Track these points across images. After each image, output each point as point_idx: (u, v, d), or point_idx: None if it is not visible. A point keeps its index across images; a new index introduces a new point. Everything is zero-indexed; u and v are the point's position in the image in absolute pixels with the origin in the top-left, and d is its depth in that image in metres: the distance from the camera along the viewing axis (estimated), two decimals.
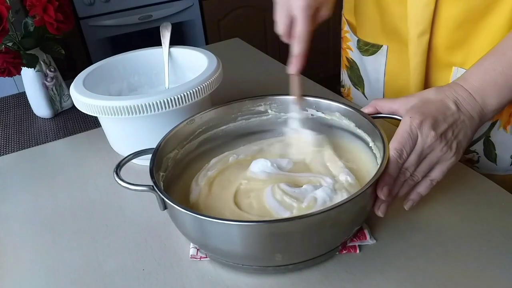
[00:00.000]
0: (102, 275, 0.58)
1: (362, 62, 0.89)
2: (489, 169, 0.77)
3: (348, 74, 0.96)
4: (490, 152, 0.76)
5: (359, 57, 0.89)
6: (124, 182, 0.56)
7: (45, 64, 0.96)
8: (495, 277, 0.53)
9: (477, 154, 0.77)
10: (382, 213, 0.55)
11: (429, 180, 0.57)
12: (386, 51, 0.82)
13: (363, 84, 0.92)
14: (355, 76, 0.93)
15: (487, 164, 0.77)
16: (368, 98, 0.92)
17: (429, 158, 0.55)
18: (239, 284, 0.55)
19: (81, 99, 0.72)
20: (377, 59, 0.84)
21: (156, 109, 0.68)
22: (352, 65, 0.93)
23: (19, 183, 0.80)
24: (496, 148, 0.75)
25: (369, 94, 0.91)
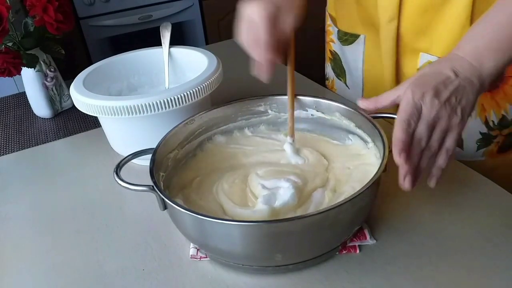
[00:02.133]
0: (102, 275, 0.58)
1: (343, 53, 0.93)
2: (457, 155, 0.78)
3: (331, 66, 1.00)
4: None
5: (340, 48, 0.93)
6: (124, 182, 0.56)
7: (45, 64, 0.96)
8: (495, 277, 0.53)
9: None
10: (409, 185, 0.53)
11: (445, 150, 0.56)
12: (364, 40, 0.85)
13: (345, 74, 0.95)
14: (337, 67, 0.97)
15: (455, 150, 0.78)
16: (350, 88, 0.95)
17: (439, 127, 0.54)
18: (239, 284, 0.55)
19: (81, 99, 0.72)
20: (356, 48, 0.88)
21: (156, 109, 0.68)
22: (335, 56, 0.97)
23: (19, 183, 0.80)
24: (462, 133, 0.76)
25: (351, 84, 0.95)
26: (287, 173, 0.63)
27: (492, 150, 0.79)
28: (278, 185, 0.60)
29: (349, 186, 0.60)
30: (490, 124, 0.76)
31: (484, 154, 0.79)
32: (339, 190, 0.61)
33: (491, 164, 0.80)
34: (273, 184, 0.60)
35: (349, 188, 0.59)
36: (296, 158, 0.67)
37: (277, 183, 0.60)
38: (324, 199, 0.59)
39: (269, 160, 0.69)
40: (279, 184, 0.60)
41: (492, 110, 0.75)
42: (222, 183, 0.63)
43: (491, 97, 0.74)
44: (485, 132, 0.77)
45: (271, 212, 0.55)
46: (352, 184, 0.60)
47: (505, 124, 0.76)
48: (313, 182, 0.62)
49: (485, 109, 0.75)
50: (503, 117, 0.75)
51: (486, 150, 0.79)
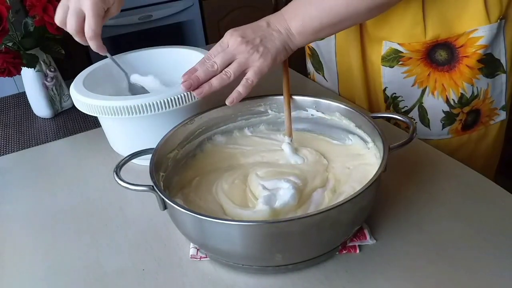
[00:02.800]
0: (102, 275, 0.58)
1: (319, 48, 0.98)
2: (425, 134, 0.85)
3: (311, 61, 1.05)
4: (424, 117, 0.84)
5: (316, 44, 0.98)
6: (124, 182, 0.56)
7: (45, 64, 0.96)
8: (495, 277, 0.53)
9: (414, 121, 0.85)
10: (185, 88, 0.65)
11: (245, 79, 0.65)
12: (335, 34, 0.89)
13: (322, 68, 1.00)
14: (316, 62, 1.02)
15: (423, 130, 0.85)
16: (327, 80, 1.00)
17: (238, 59, 0.64)
18: (239, 284, 0.55)
19: (81, 99, 0.72)
20: (329, 42, 0.92)
21: (156, 109, 0.68)
22: (313, 52, 1.01)
23: (19, 183, 0.80)
24: (428, 113, 0.83)
25: (328, 76, 0.99)
26: (287, 173, 0.63)
27: (456, 128, 0.84)
28: (278, 185, 0.60)
29: (349, 186, 0.60)
30: (451, 103, 0.81)
31: (449, 132, 0.84)
32: (339, 190, 0.61)
33: (457, 142, 0.85)
34: (273, 184, 0.60)
35: (349, 188, 0.59)
36: (295, 158, 0.67)
37: (277, 183, 0.60)
38: (324, 199, 0.59)
39: (268, 160, 0.69)
40: (279, 184, 0.60)
41: (451, 89, 0.80)
42: (221, 183, 0.63)
43: (449, 77, 0.79)
44: (448, 110, 0.82)
45: (271, 213, 0.55)
46: (352, 184, 0.60)
47: (464, 102, 0.81)
48: (313, 183, 0.62)
49: (445, 89, 0.80)
50: (462, 95, 0.80)
51: (451, 129, 0.84)
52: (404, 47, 0.78)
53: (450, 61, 0.78)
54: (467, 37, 0.76)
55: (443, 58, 0.78)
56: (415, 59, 0.79)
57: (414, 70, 0.80)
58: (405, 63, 0.80)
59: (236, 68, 0.64)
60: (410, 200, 0.64)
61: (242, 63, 0.64)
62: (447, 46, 0.77)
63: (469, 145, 0.86)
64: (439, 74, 0.79)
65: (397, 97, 0.84)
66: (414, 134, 0.59)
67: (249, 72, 0.65)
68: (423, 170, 0.70)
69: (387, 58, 0.81)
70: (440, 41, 0.76)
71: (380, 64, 0.83)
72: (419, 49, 0.78)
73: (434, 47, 0.77)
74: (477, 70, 0.78)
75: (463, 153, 0.85)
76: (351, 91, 0.93)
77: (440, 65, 0.78)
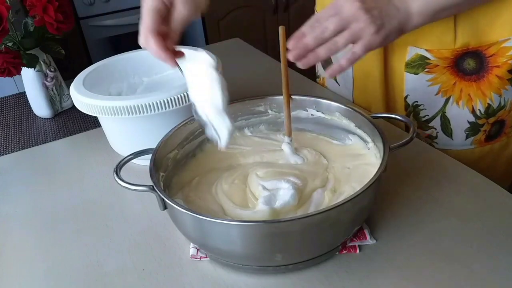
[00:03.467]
0: (102, 275, 0.58)
1: None
2: (446, 144, 0.83)
3: (322, 64, 1.00)
4: (446, 127, 0.81)
5: None
6: (124, 182, 0.56)
7: (45, 64, 0.96)
8: (495, 277, 0.53)
9: (436, 130, 0.82)
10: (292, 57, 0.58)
11: (351, 52, 0.59)
12: None
13: None
14: (328, 64, 0.95)
15: (445, 140, 0.83)
16: (340, 85, 0.95)
17: (352, 28, 0.57)
18: (239, 284, 0.55)
19: (81, 99, 0.72)
20: None
21: (156, 109, 0.68)
22: None
23: (19, 183, 0.80)
24: (451, 123, 0.81)
25: (341, 80, 0.95)
26: (287, 173, 0.63)
27: (480, 138, 0.81)
28: (278, 186, 0.60)
29: (349, 186, 0.60)
30: (477, 113, 0.78)
31: (473, 143, 0.82)
32: (339, 190, 0.61)
33: (480, 153, 0.83)
34: (273, 185, 0.60)
35: (349, 188, 0.59)
36: (295, 158, 0.67)
37: (277, 184, 0.60)
38: (324, 199, 0.59)
39: (268, 160, 0.69)
40: (279, 185, 0.60)
41: (478, 99, 0.77)
42: (221, 183, 0.63)
43: (477, 87, 0.76)
44: (473, 121, 0.79)
45: (271, 213, 0.55)
46: (352, 184, 0.60)
47: (491, 113, 0.78)
48: (313, 183, 0.62)
49: (472, 99, 0.77)
50: (489, 105, 0.77)
51: (474, 139, 0.81)
52: (432, 53, 0.75)
53: (479, 70, 0.75)
54: (499, 46, 0.73)
55: (471, 67, 0.75)
56: (441, 67, 0.76)
57: (439, 79, 0.77)
58: (431, 70, 0.77)
59: (348, 38, 0.58)
60: (410, 200, 0.64)
61: (355, 34, 0.58)
62: (477, 55, 0.74)
63: (490, 155, 0.83)
64: (466, 84, 0.76)
65: (418, 105, 0.81)
66: (414, 134, 0.59)
67: (358, 45, 0.58)
68: (423, 170, 0.70)
69: (412, 65, 0.78)
70: (471, 49, 0.74)
71: (403, 71, 0.79)
72: (447, 57, 0.75)
73: (463, 56, 0.74)
74: (507, 81, 0.75)
75: (484, 163, 0.82)
76: (367, 98, 0.89)
77: (468, 74, 0.75)
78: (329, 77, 0.59)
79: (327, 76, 0.59)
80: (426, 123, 0.82)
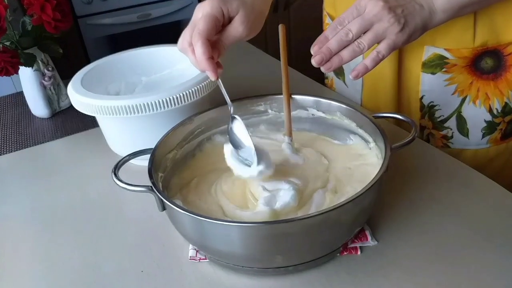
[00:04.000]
0: (101, 276, 0.58)
1: None
2: (462, 144, 0.82)
3: None
4: (463, 127, 0.80)
5: None
6: (123, 182, 0.56)
7: (43, 63, 0.96)
8: (495, 277, 0.52)
9: (451, 130, 0.82)
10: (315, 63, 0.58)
11: (376, 52, 0.58)
12: None
13: (343, 73, 0.94)
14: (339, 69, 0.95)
15: (461, 139, 0.82)
16: (348, 86, 0.94)
17: (375, 28, 0.57)
18: (238, 286, 0.55)
19: (79, 98, 0.71)
20: None
21: (155, 109, 0.68)
22: None
23: (17, 183, 0.79)
24: (467, 123, 0.80)
25: (349, 82, 0.94)
26: (287, 174, 0.63)
27: (496, 137, 0.81)
28: (278, 186, 0.59)
29: (350, 187, 0.60)
30: (494, 112, 0.78)
31: (488, 142, 0.81)
32: (340, 190, 0.60)
33: (495, 151, 0.82)
34: (273, 185, 0.59)
35: (350, 188, 0.59)
36: (296, 158, 0.67)
37: (278, 184, 0.59)
38: (325, 200, 0.59)
39: None
40: (280, 185, 0.59)
41: (495, 98, 0.77)
42: (221, 184, 0.63)
43: (494, 85, 0.76)
44: (490, 120, 0.79)
45: (272, 214, 0.55)
46: (353, 184, 0.60)
47: (508, 111, 0.78)
48: (314, 183, 0.61)
49: (489, 98, 0.77)
50: (506, 104, 0.77)
51: (490, 138, 0.81)
52: (451, 53, 0.74)
53: (496, 69, 0.75)
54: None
55: (489, 66, 0.74)
56: (459, 66, 0.75)
57: (456, 78, 0.76)
58: (449, 70, 0.76)
59: (372, 39, 0.57)
60: (412, 201, 0.64)
61: (379, 34, 0.57)
62: (495, 54, 0.74)
63: (505, 153, 0.83)
64: (483, 83, 0.76)
65: (434, 105, 0.81)
66: (415, 134, 0.59)
67: (382, 45, 0.58)
68: (425, 170, 0.70)
69: (429, 64, 0.77)
70: (490, 48, 0.73)
71: (419, 71, 0.78)
72: (466, 56, 0.74)
73: (482, 55, 0.74)
74: None
75: (498, 161, 0.82)
76: (377, 100, 0.88)
77: (485, 73, 0.75)
78: (354, 78, 0.59)
79: (352, 78, 0.60)
80: (442, 123, 0.81)
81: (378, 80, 0.85)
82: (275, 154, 0.69)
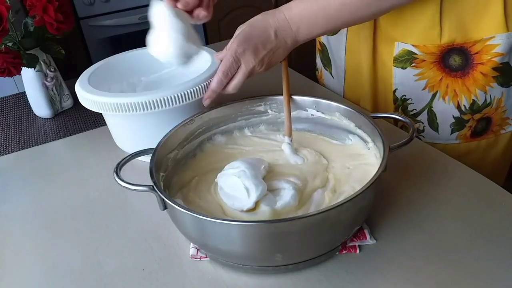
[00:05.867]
0: (102, 275, 0.58)
1: (329, 43, 0.95)
2: (433, 138, 0.84)
3: (320, 57, 1.03)
4: (433, 121, 0.83)
5: (327, 39, 0.96)
6: (124, 182, 0.56)
7: (45, 64, 0.96)
8: (495, 277, 0.53)
9: (423, 124, 0.84)
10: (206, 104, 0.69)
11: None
12: (347, 31, 0.88)
13: (330, 64, 0.98)
14: (325, 58, 1.00)
15: (431, 133, 0.84)
16: (334, 77, 0.98)
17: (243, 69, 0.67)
18: (239, 284, 0.55)
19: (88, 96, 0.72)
20: (340, 38, 0.90)
21: (160, 107, 0.68)
22: (323, 48, 0.99)
23: (19, 183, 0.80)
24: (437, 117, 0.82)
25: (335, 74, 0.98)
26: (287, 174, 0.63)
27: (465, 134, 0.83)
28: (278, 186, 0.60)
29: (349, 186, 0.60)
30: (462, 109, 0.80)
31: (458, 138, 0.83)
32: (339, 190, 0.61)
33: (465, 148, 0.84)
34: (273, 185, 0.60)
35: (349, 188, 0.60)
36: (295, 158, 0.67)
37: (278, 184, 0.60)
38: (324, 199, 0.59)
39: (268, 161, 0.68)
40: (280, 185, 0.60)
41: (463, 95, 0.79)
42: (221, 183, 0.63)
43: (462, 83, 0.78)
44: (458, 116, 0.81)
45: (272, 214, 0.55)
46: (352, 184, 0.60)
47: (476, 109, 0.80)
48: (313, 183, 0.62)
49: (457, 94, 0.79)
50: (474, 102, 0.79)
51: (460, 134, 0.83)
52: (419, 48, 0.77)
53: (464, 67, 0.76)
54: (484, 44, 0.74)
55: (457, 63, 0.76)
56: (428, 62, 0.78)
57: (426, 74, 0.79)
58: (418, 65, 0.79)
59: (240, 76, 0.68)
60: (410, 200, 0.64)
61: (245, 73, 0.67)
62: (462, 52, 0.75)
63: (477, 152, 0.85)
64: (452, 80, 0.78)
65: (406, 99, 0.83)
66: (414, 134, 0.59)
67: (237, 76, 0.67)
68: (423, 170, 0.70)
69: (399, 59, 0.80)
70: (456, 45, 0.75)
71: (391, 65, 0.82)
72: (433, 52, 0.76)
73: (449, 52, 0.76)
74: (492, 78, 0.76)
75: (471, 159, 0.83)
76: (356, 91, 0.92)
77: (454, 70, 0.77)
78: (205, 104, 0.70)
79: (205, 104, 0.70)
80: (414, 117, 0.84)
81: (357, 71, 0.89)
82: (275, 154, 0.69)
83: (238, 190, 0.57)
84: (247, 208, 0.57)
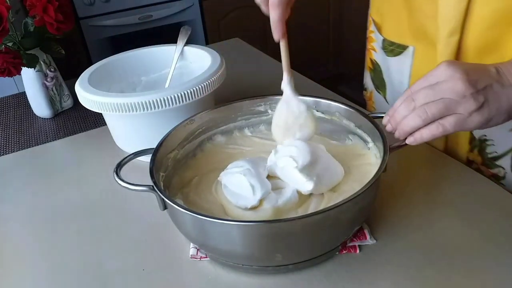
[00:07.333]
0: (102, 275, 0.58)
1: (386, 64, 0.84)
2: None
3: (371, 76, 0.91)
4: None
5: (383, 58, 0.84)
6: (124, 182, 0.56)
7: (45, 64, 0.96)
8: (495, 277, 0.53)
9: (504, 170, 0.72)
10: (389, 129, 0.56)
11: (437, 123, 0.52)
12: (413, 53, 0.76)
13: (385, 87, 0.87)
14: (377, 79, 0.88)
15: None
16: (389, 103, 0.86)
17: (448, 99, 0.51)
18: (239, 284, 0.55)
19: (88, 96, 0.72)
20: (402, 60, 0.78)
21: (160, 107, 0.68)
22: (376, 67, 0.88)
23: (19, 183, 0.80)
24: None
25: (391, 99, 0.85)
26: None
27: None
28: (279, 185, 0.60)
29: (349, 186, 0.60)
30: None
31: None
32: (339, 190, 0.61)
33: None
34: (274, 184, 0.60)
35: (349, 188, 0.59)
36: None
37: (279, 183, 0.60)
38: (324, 199, 0.59)
39: None
40: (281, 184, 0.60)
41: None
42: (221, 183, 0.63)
43: None
44: None
45: (273, 212, 0.55)
46: (351, 184, 0.60)
47: None
48: None
49: None
50: None
51: None
52: None
53: None
54: None
55: None
56: None
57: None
58: None
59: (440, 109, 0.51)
60: (410, 201, 0.64)
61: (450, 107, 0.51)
62: None
63: None
64: None
65: (486, 140, 0.71)
66: None
67: (449, 118, 0.51)
68: (424, 170, 0.70)
69: None
70: None
71: None
72: None
73: None
74: None
75: None
76: None
77: None
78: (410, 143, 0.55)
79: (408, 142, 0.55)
80: (493, 161, 0.72)
81: None
82: None
83: (243, 188, 0.57)
84: (251, 206, 0.57)
